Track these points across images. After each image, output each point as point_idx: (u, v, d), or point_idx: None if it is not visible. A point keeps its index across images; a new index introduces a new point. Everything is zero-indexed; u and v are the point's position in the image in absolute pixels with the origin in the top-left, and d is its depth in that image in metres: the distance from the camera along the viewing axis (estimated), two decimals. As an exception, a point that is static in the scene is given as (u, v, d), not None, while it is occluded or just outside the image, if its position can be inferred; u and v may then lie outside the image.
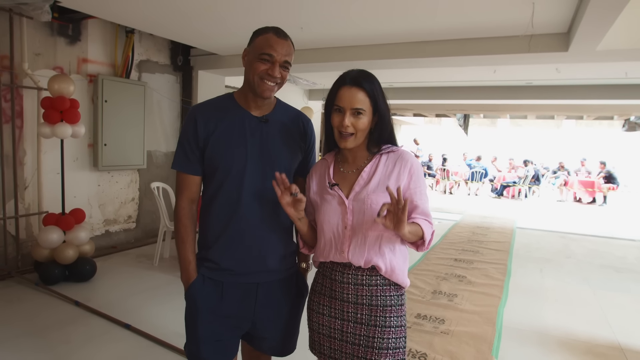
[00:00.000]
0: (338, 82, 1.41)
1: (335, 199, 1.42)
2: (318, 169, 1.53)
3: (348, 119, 1.36)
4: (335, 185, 1.44)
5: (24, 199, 4.29)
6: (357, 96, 1.36)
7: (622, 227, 8.28)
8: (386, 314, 1.39)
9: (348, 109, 1.36)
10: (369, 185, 1.40)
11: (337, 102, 1.38)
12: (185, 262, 1.49)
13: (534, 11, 3.34)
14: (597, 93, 7.27)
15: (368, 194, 1.38)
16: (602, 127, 15.40)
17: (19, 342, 2.81)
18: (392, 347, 1.39)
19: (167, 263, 4.64)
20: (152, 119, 5.64)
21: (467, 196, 12.93)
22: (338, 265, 1.43)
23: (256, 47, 1.43)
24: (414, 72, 6.64)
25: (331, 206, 1.42)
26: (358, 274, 1.40)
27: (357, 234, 1.39)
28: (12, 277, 3.95)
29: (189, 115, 1.51)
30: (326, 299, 1.47)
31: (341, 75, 1.41)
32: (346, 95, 1.36)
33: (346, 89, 1.37)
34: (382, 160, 1.44)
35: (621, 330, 3.37)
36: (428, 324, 3.31)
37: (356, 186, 1.41)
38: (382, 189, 1.38)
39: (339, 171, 1.48)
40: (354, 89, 1.37)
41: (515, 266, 5.12)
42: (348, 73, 1.40)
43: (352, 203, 1.40)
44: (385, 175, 1.41)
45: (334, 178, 1.47)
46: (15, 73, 4.07)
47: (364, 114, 1.37)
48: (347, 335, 1.42)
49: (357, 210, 1.39)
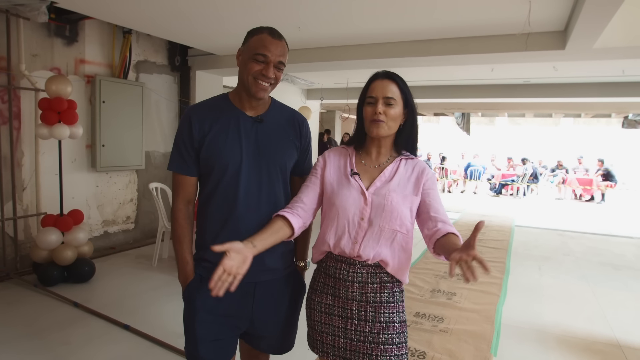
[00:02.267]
0: (371, 78, 1.47)
1: (355, 188, 1.44)
2: (336, 155, 1.54)
3: (380, 107, 1.41)
4: (356, 174, 1.46)
5: (22, 200, 4.28)
6: (389, 86, 1.43)
7: (620, 225, 8.29)
8: (389, 310, 1.42)
9: (380, 98, 1.41)
10: (390, 183, 1.44)
11: (369, 94, 1.44)
12: (182, 262, 1.49)
13: (531, 9, 3.34)
14: (594, 91, 7.29)
15: (389, 191, 1.42)
16: (600, 124, 15.44)
17: (19, 344, 2.81)
18: (396, 342, 1.42)
19: (166, 263, 4.64)
20: (150, 120, 5.64)
21: (462, 194, 12.94)
22: (342, 263, 1.44)
23: (250, 47, 1.44)
24: (411, 71, 6.63)
25: (350, 194, 1.44)
26: (363, 272, 1.42)
27: (374, 227, 1.41)
28: (11, 279, 3.95)
29: (184, 117, 1.51)
30: (329, 298, 1.48)
31: (373, 74, 1.48)
32: (378, 86, 1.44)
33: (379, 81, 1.45)
34: (402, 164, 1.49)
35: (619, 327, 3.38)
36: (427, 323, 3.32)
37: (377, 181, 1.44)
38: (402, 189, 1.43)
39: (360, 163, 1.51)
40: (386, 80, 1.44)
41: (513, 264, 5.13)
42: (379, 71, 1.48)
43: (372, 196, 1.42)
44: (406, 177, 1.46)
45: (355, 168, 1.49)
46: (13, 74, 4.07)
47: (395, 104, 1.42)
48: (351, 333, 1.43)
49: (376, 204, 1.41)
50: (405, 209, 1.41)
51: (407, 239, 1.44)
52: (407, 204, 1.42)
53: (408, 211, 1.42)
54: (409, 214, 1.43)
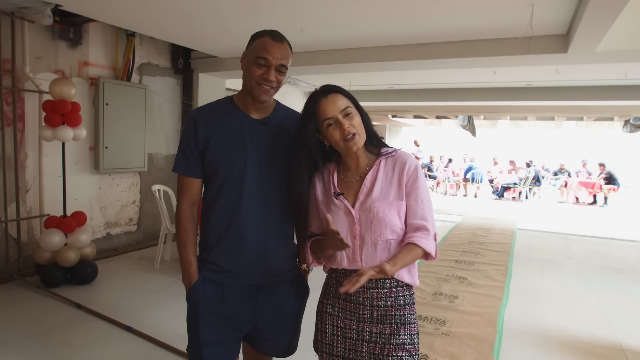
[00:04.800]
0: (312, 101, 1.42)
1: (341, 209, 1.43)
2: (319, 177, 1.52)
3: (345, 122, 1.37)
4: (340, 194, 1.45)
5: (26, 201, 4.30)
6: (337, 100, 1.39)
7: (622, 228, 8.27)
8: (400, 312, 1.43)
9: (338, 114, 1.38)
10: (372, 193, 1.41)
11: (325, 117, 1.39)
12: (186, 264, 1.50)
13: (533, 13, 3.35)
14: (597, 94, 7.28)
15: (373, 202, 1.40)
16: (603, 128, 15.40)
17: (21, 345, 2.82)
18: (407, 342, 1.42)
19: (168, 265, 4.64)
20: (153, 122, 5.66)
21: (464, 197, 12.94)
22: (352, 272, 1.44)
23: (252, 50, 1.45)
24: (413, 74, 6.65)
25: (339, 217, 1.42)
26: (372, 279, 1.40)
27: (367, 242, 1.40)
28: (14, 280, 3.96)
29: (189, 119, 1.52)
30: (341, 302, 1.48)
31: (310, 95, 1.44)
32: (329, 105, 1.39)
33: (325, 100, 1.39)
34: (381, 166, 1.45)
35: (622, 331, 3.37)
36: (429, 326, 3.31)
37: (360, 195, 1.42)
38: (385, 196, 1.40)
39: (341, 180, 1.48)
40: (331, 95, 1.40)
41: (515, 267, 5.12)
42: (315, 91, 1.43)
43: (358, 212, 1.41)
44: (387, 181, 1.42)
45: (338, 187, 1.47)
46: (17, 76, 4.09)
47: (353, 112, 1.40)
48: (363, 334, 1.44)
49: (364, 219, 1.40)
50: (393, 217, 1.39)
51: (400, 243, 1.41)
52: (393, 211, 1.39)
53: (396, 218, 1.39)
54: (398, 220, 1.40)
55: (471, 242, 6.47)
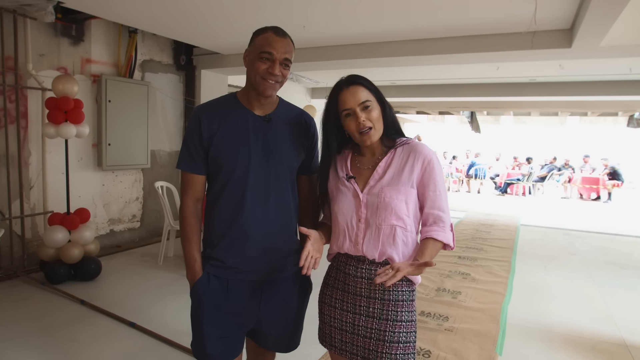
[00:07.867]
0: (335, 90, 1.44)
1: (350, 191, 1.46)
2: (335, 162, 1.55)
3: (362, 115, 1.38)
4: (352, 178, 1.47)
5: (29, 198, 4.31)
6: (358, 92, 1.40)
7: (627, 224, 8.25)
8: (398, 309, 1.42)
9: (357, 106, 1.39)
10: (383, 179, 1.43)
11: (343, 107, 1.41)
12: (190, 260, 1.50)
13: (537, 8, 3.33)
14: (601, 89, 7.23)
15: (382, 187, 1.41)
16: (607, 123, 15.31)
17: (26, 341, 2.84)
18: (402, 340, 1.42)
19: (172, 262, 4.66)
20: (155, 119, 5.66)
21: (467, 193, 12.91)
22: (352, 259, 1.46)
23: (256, 46, 1.45)
24: (417, 69, 6.63)
25: (346, 198, 1.46)
26: (371, 269, 1.43)
27: (371, 227, 1.41)
28: (18, 277, 3.98)
29: (192, 116, 1.52)
30: (339, 293, 1.50)
31: (336, 83, 1.45)
32: (349, 96, 1.40)
33: (346, 90, 1.41)
34: (396, 154, 1.46)
35: (626, 327, 3.37)
36: (432, 321, 3.31)
37: (371, 180, 1.44)
38: (396, 182, 1.41)
39: (355, 165, 1.51)
40: (352, 87, 1.41)
41: (519, 263, 5.12)
42: (340, 80, 1.44)
43: (366, 197, 1.43)
44: (400, 168, 1.43)
45: (351, 172, 1.49)
46: (20, 74, 4.10)
47: (372, 105, 1.40)
48: (358, 329, 1.45)
49: (370, 203, 1.42)
50: (400, 203, 1.40)
51: (407, 234, 1.42)
52: (401, 198, 1.40)
53: (403, 204, 1.40)
54: (405, 207, 1.40)
55: (474, 238, 6.46)
